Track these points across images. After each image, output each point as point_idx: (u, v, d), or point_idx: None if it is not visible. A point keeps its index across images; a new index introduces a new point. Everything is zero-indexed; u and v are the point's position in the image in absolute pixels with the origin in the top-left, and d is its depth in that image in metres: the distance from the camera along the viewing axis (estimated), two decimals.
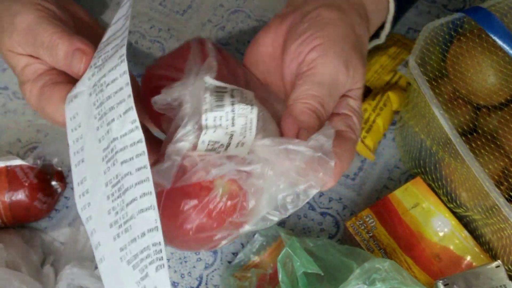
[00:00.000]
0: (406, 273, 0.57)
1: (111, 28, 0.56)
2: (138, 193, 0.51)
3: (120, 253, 0.51)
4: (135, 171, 0.51)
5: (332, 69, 0.56)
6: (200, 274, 0.68)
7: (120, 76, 0.52)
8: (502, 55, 0.61)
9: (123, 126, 0.52)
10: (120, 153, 0.52)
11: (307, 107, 0.55)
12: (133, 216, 0.51)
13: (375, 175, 0.73)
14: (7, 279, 0.61)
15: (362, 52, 0.59)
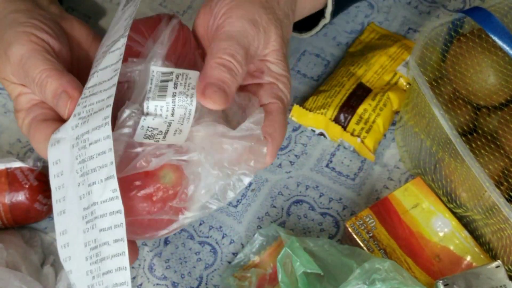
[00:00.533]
0: (406, 273, 0.57)
1: (98, 74, 0.56)
2: (113, 266, 0.52)
3: None
4: (112, 242, 0.52)
5: (238, 26, 0.57)
6: (200, 274, 0.68)
7: (103, 139, 0.52)
8: (502, 55, 0.61)
9: (103, 192, 0.52)
10: (99, 220, 0.52)
11: (216, 62, 0.55)
12: (107, 287, 0.52)
13: (375, 175, 0.73)
14: (7, 279, 0.61)
15: (275, 12, 0.60)
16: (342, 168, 0.73)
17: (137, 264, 0.68)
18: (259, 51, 0.59)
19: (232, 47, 0.56)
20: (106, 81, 0.55)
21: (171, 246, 0.69)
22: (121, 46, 0.55)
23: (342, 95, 0.74)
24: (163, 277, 0.68)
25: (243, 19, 0.58)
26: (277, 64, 0.60)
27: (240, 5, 0.58)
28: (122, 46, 0.55)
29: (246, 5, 0.58)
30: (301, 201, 0.72)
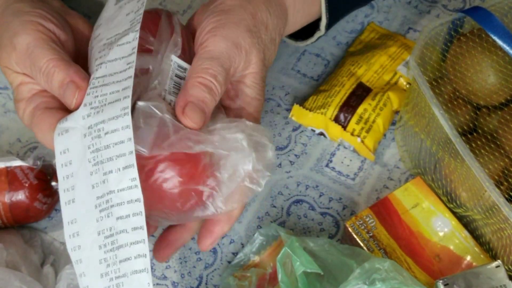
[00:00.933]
0: (407, 273, 0.57)
1: (106, 65, 0.56)
2: (133, 254, 0.52)
3: None
4: (131, 230, 0.52)
5: (221, 46, 0.59)
6: (200, 274, 0.68)
7: (122, 129, 0.53)
8: (502, 55, 0.61)
9: (121, 181, 0.52)
10: (116, 208, 0.52)
11: (198, 81, 0.57)
12: (126, 274, 0.52)
13: (375, 175, 0.73)
14: (7, 279, 0.61)
15: (260, 36, 0.62)
16: (342, 168, 0.73)
17: None
18: (238, 72, 0.60)
19: (214, 67, 0.58)
20: (118, 73, 0.55)
21: None
22: (131, 40, 0.56)
23: (342, 95, 0.74)
24: (163, 277, 0.68)
25: (227, 40, 0.59)
26: (253, 87, 0.62)
27: (226, 26, 0.60)
28: (134, 40, 0.56)
29: (232, 26, 0.60)
30: (301, 201, 0.72)
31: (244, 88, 0.62)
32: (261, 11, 0.62)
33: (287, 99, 0.77)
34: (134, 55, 0.55)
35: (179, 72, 0.59)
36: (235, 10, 0.61)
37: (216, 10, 0.61)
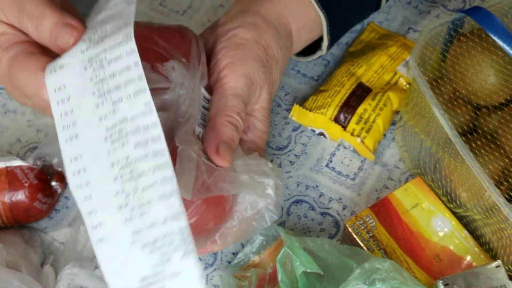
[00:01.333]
0: (407, 273, 0.57)
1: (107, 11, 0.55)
2: (157, 178, 0.50)
3: (133, 236, 0.50)
4: (151, 155, 0.50)
5: (242, 83, 0.61)
6: None
7: (126, 55, 0.51)
8: (502, 55, 0.61)
9: (133, 107, 0.50)
10: (132, 136, 0.50)
11: (227, 120, 0.60)
12: (151, 201, 0.50)
13: (375, 175, 0.73)
14: (7, 279, 0.61)
15: (271, 72, 0.65)
16: (342, 168, 0.73)
17: None
18: (249, 106, 0.63)
19: (239, 105, 0.61)
20: (119, 13, 0.54)
21: None
22: None
23: (342, 95, 0.74)
24: None
25: (246, 77, 0.62)
26: (262, 121, 0.65)
27: (244, 61, 0.62)
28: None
29: (250, 62, 0.62)
30: (301, 201, 0.72)
31: (255, 121, 0.65)
32: (273, 46, 0.65)
33: (287, 99, 0.77)
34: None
35: (205, 104, 0.61)
36: (250, 44, 0.63)
37: (231, 43, 0.63)
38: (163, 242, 0.49)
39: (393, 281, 0.56)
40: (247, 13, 0.66)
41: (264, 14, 0.66)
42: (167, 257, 0.49)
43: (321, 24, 0.70)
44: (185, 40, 0.61)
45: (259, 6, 0.67)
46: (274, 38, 0.65)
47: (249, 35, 0.64)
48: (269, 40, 0.65)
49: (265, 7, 0.67)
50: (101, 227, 0.51)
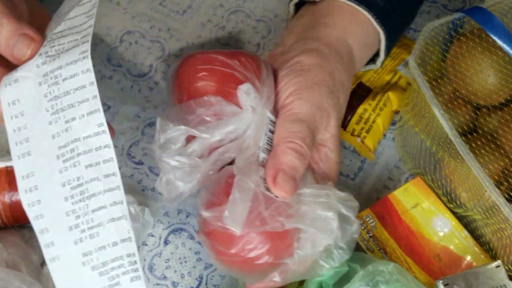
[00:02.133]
0: (410, 276, 0.57)
1: (66, 23, 0.54)
2: (108, 201, 0.50)
3: (83, 258, 0.51)
4: (103, 177, 0.50)
5: (307, 108, 0.59)
6: (200, 274, 0.68)
7: (82, 73, 0.51)
8: (502, 55, 0.61)
9: (87, 128, 0.50)
10: (84, 156, 0.51)
11: (289, 146, 0.57)
12: (101, 223, 0.50)
13: (375, 175, 0.73)
14: (7, 279, 0.61)
15: (338, 97, 0.62)
16: (342, 168, 0.73)
17: None
18: (319, 134, 0.60)
19: (303, 131, 0.58)
20: (78, 26, 0.53)
21: (171, 246, 0.69)
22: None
23: None
24: (163, 277, 0.68)
25: (312, 103, 0.59)
26: (334, 151, 0.62)
27: (310, 88, 0.60)
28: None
29: (315, 88, 0.60)
30: None
31: (328, 152, 0.62)
32: (338, 70, 0.63)
33: None
34: (95, 9, 0.53)
35: (272, 127, 0.59)
36: (315, 70, 0.61)
37: (295, 70, 0.61)
38: (112, 265, 0.50)
39: (397, 283, 0.56)
40: (306, 40, 0.64)
41: (324, 39, 0.64)
42: (116, 280, 0.50)
43: (379, 40, 0.68)
44: (256, 64, 0.61)
45: (317, 32, 0.65)
46: (338, 62, 0.63)
47: (312, 61, 0.62)
48: (333, 64, 0.62)
49: (323, 32, 0.65)
50: (53, 246, 0.51)
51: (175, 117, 0.58)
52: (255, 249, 0.55)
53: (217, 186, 0.57)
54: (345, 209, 0.57)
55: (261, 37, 0.80)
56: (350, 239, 0.58)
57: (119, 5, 0.82)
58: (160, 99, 0.76)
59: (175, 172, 0.57)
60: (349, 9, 0.66)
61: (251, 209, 0.54)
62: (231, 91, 0.59)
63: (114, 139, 0.73)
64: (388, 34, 0.67)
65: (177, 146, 0.57)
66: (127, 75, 0.78)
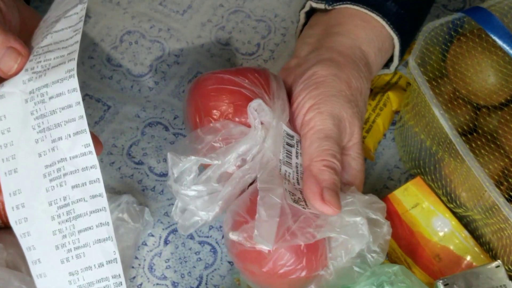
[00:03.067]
0: (415, 278, 0.57)
1: (52, 36, 0.54)
2: (94, 222, 0.50)
3: (70, 277, 0.51)
4: (89, 198, 0.50)
5: (331, 123, 0.59)
6: (200, 274, 0.68)
7: (68, 92, 0.50)
8: (502, 55, 0.61)
9: (73, 148, 0.50)
10: (70, 176, 0.51)
11: (324, 164, 0.57)
12: (87, 244, 0.50)
13: (375, 175, 0.73)
14: (7, 279, 0.61)
15: (358, 105, 0.62)
16: None
17: (137, 264, 0.68)
18: (344, 143, 0.61)
19: (333, 147, 0.58)
20: (64, 41, 0.53)
21: (171, 246, 0.69)
22: (79, 10, 0.54)
23: None
24: (163, 277, 0.68)
25: (333, 117, 0.59)
26: (357, 159, 0.62)
27: (328, 101, 0.60)
28: (81, 10, 0.54)
29: (334, 100, 0.60)
30: None
31: (350, 161, 0.62)
32: (355, 78, 0.62)
33: None
34: (81, 23, 0.53)
35: (289, 140, 0.60)
36: (331, 81, 0.61)
37: (311, 83, 0.61)
38: (98, 286, 0.51)
39: (401, 284, 0.56)
40: (320, 50, 0.64)
41: (338, 48, 0.64)
42: None
43: (393, 45, 0.68)
44: (264, 78, 0.62)
45: (331, 42, 0.65)
46: (354, 69, 0.63)
47: (328, 71, 0.61)
48: (349, 72, 0.62)
49: (337, 41, 0.65)
50: (40, 263, 0.51)
51: (184, 149, 0.58)
52: (288, 265, 0.55)
53: (242, 206, 0.57)
54: (372, 212, 0.58)
55: (261, 37, 0.80)
56: (382, 241, 0.58)
57: (119, 5, 0.82)
58: (160, 99, 0.76)
59: (195, 202, 0.58)
60: (361, 16, 0.66)
61: (280, 224, 0.54)
62: (243, 109, 0.59)
63: (114, 139, 0.73)
64: (401, 39, 0.67)
65: (191, 176, 0.58)
66: (127, 75, 0.78)
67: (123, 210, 0.68)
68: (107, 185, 0.72)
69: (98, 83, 0.77)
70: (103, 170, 0.72)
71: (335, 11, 0.66)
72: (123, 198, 0.69)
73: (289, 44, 0.80)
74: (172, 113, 0.75)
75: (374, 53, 0.66)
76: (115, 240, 0.50)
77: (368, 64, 0.65)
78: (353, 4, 0.65)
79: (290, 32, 0.81)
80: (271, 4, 0.83)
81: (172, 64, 0.79)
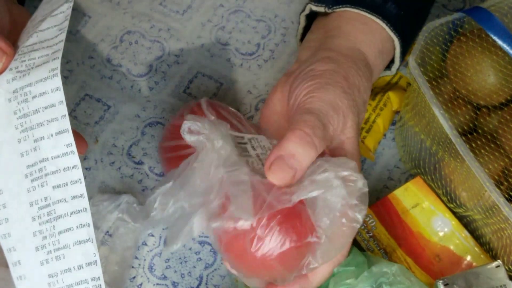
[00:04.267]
0: (414, 278, 0.57)
1: (38, 35, 0.54)
2: (74, 224, 0.50)
3: (49, 279, 0.51)
4: (70, 198, 0.50)
5: (319, 104, 0.58)
6: (200, 274, 0.68)
7: (51, 92, 0.50)
8: (502, 55, 0.61)
9: (55, 147, 0.50)
10: (51, 176, 0.50)
11: (295, 134, 0.55)
12: (67, 245, 0.50)
13: (375, 175, 0.73)
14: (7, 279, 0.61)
15: (355, 99, 0.61)
16: None
17: (137, 264, 0.68)
18: (336, 135, 0.59)
19: (313, 120, 0.56)
20: (49, 39, 0.53)
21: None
22: (65, 9, 0.54)
23: None
24: (163, 277, 0.68)
25: (325, 101, 0.58)
26: (352, 154, 0.59)
27: (323, 88, 0.59)
28: (67, 9, 0.54)
29: (329, 88, 0.59)
30: None
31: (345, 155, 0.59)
32: (353, 75, 0.62)
33: None
34: (67, 22, 0.53)
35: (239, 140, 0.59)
36: (328, 74, 0.60)
37: (308, 76, 0.60)
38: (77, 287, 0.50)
39: (400, 285, 0.56)
40: (319, 51, 0.64)
41: (337, 49, 0.64)
42: None
43: (394, 47, 0.67)
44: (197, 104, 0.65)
45: (330, 44, 0.64)
46: (352, 67, 0.62)
47: (325, 67, 0.61)
48: (347, 69, 0.61)
49: (336, 43, 0.64)
50: (20, 265, 0.51)
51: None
52: (275, 236, 0.54)
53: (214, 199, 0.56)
54: (343, 169, 0.55)
55: (261, 37, 0.80)
56: (359, 193, 0.55)
57: (119, 5, 0.82)
58: (160, 99, 0.76)
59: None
60: (361, 19, 0.65)
61: (254, 197, 0.54)
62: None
63: (114, 139, 0.73)
64: (402, 40, 0.66)
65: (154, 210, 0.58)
66: (127, 75, 0.78)
67: (123, 210, 0.68)
68: (107, 185, 0.72)
69: (98, 83, 0.77)
70: (103, 170, 0.72)
71: (335, 15, 0.66)
72: (123, 198, 0.69)
73: (289, 44, 0.79)
74: (172, 113, 0.75)
75: (374, 55, 0.66)
76: (95, 242, 0.50)
77: (368, 65, 0.65)
78: (353, 7, 0.65)
79: (290, 32, 0.81)
80: (271, 4, 0.83)
81: (172, 64, 0.79)
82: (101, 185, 0.72)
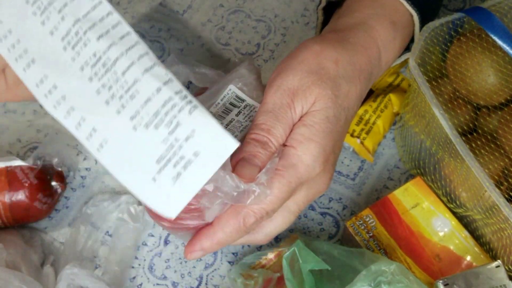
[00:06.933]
0: (413, 277, 0.57)
1: None
2: (134, 57, 0.49)
3: (132, 122, 0.49)
4: (118, 40, 0.49)
5: (276, 97, 0.57)
6: (200, 274, 0.68)
7: None
8: (502, 55, 0.61)
9: (80, 7, 0.49)
10: (90, 32, 0.49)
11: (251, 137, 0.56)
12: (137, 79, 0.49)
13: (375, 175, 0.73)
14: (7, 279, 0.61)
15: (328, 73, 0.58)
16: (342, 168, 0.73)
17: (137, 264, 0.68)
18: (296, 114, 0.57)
19: (268, 121, 0.56)
20: None
21: (171, 246, 0.69)
22: None
23: None
24: (163, 277, 0.68)
25: (280, 89, 0.57)
26: (310, 127, 0.57)
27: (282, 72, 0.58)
28: None
29: (289, 72, 0.58)
30: None
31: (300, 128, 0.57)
32: (328, 49, 0.59)
33: None
34: None
35: (235, 102, 0.59)
36: (300, 52, 0.59)
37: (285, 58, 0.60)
38: (165, 110, 0.48)
39: (399, 284, 0.56)
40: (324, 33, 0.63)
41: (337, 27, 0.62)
42: (174, 122, 0.48)
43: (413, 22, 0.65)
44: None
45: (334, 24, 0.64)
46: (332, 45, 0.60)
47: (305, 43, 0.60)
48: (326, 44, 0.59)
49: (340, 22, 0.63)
50: (95, 132, 0.49)
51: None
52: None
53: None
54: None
55: (261, 37, 0.80)
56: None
57: (119, 5, 0.82)
58: None
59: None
60: None
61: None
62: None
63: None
64: (421, 16, 0.64)
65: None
66: None
67: (123, 210, 0.68)
68: (107, 185, 0.72)
69: None
70: (103, 170, 0.72)
71: (349, 1, 0.65)
72: (123, 198, 0.69)
73: (289, 44, 0.80)
74: None
75: (385, 25, 0.63)
76: (162, 64, 0.48)
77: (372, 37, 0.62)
78: None
79: (290, 32, 0.81)
80: (271, 4, 0.83)
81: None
82: (101, 185, 0.72)
